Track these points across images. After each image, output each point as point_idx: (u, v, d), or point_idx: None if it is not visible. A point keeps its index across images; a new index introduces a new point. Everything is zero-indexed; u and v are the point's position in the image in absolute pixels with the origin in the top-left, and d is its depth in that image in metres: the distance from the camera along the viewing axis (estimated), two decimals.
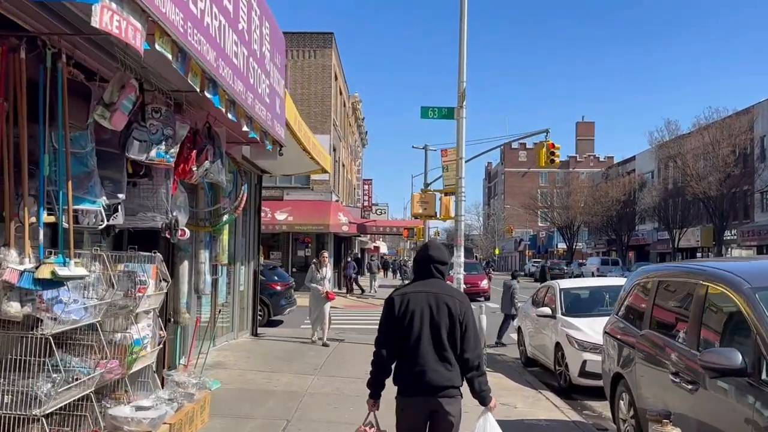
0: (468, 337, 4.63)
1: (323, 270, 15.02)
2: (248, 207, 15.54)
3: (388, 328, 4.74)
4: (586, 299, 12.76)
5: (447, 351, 4.59)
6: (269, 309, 20.61)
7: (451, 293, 4.80)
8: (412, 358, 4.61)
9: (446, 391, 4.58)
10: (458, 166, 14.81)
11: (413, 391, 4.62)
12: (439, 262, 4.85)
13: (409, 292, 4.78)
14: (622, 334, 7.84)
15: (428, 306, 4.64)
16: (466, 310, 4.70)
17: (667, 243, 60.61)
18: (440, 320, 4.60)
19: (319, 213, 33.78)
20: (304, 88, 34.89)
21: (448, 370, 4.58)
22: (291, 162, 14.49)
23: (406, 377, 4.66)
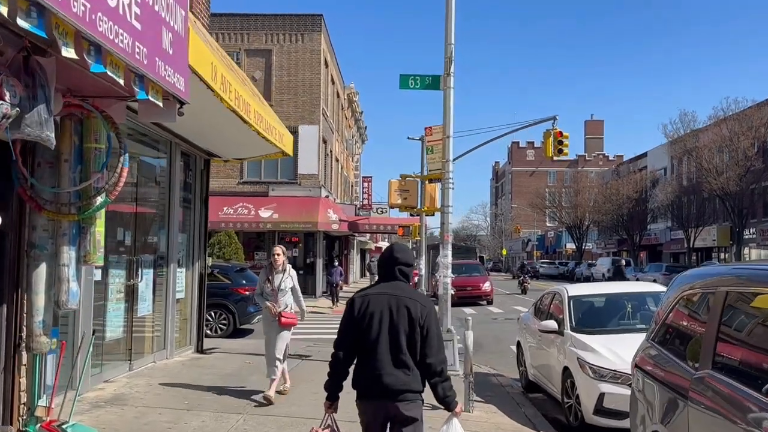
0: (430, 342, 4.52)
1: (276, 277, 9.37)
2: (192, 197, 12.97)
3: (347, 330, 4.64)
4: (602, 310, 10.06)
5: (405, 355, 4.49)
6: (235, 317, 18.06)
7: (414, 296, 4.67)
8: (370, 361, 4.53)
9: (404, 395, 4.47)
10: (445, 147, 12.14)
11: (370, 395, 4.54)
12: (404, 264, 4.77)
13: (370, 293, 4.70)
14: (662, 372, 5.18)
15: (388, 308, 4.56)
16: (428, 314, 4.58)
17: (680, 243, 57.84)
18: (399, 323, 4.51)
19: (307, 210, 31.18)
20: (291, 74, 32.29)
21: (405, 375, 4.48)
22: (238, 141, 11.87)
23: (363, 380, 4.57)
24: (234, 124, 9.94)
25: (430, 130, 13.04)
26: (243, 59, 32.04)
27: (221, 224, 30.38)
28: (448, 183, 12.27)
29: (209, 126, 10.64)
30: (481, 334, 19.18)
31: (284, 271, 9.44)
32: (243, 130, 10.30)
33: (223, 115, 9.29)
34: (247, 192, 32.05)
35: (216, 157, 13.23)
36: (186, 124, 10.70)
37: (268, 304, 9.33)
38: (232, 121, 9.68)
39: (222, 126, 10.43)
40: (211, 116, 9.70)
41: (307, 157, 32.05)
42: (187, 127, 10.93)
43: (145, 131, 10.89)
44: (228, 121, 9.69)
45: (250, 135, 10.69)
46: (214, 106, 8.82)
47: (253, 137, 10.91)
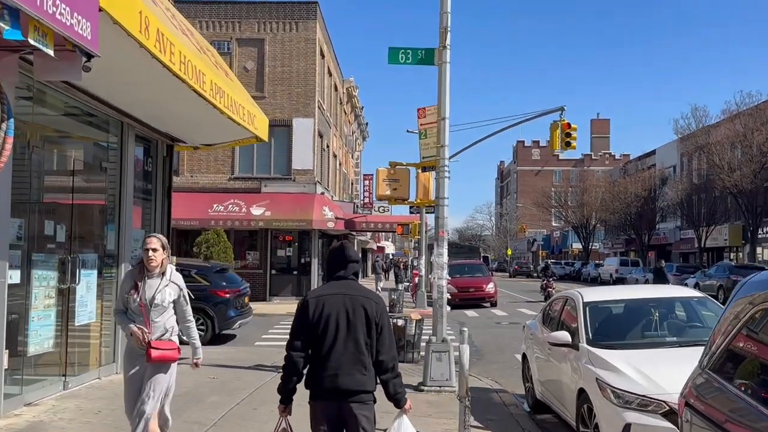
0: (383, 339, 4.56)
1: (150, 285, 5.94)
2: (153, 188, 11.43)
3: (301, 332, 4.55)
4: (624, 319, 8.44)
5: (363, 354, 4.50)
6: (214, 322, 16.55)
7: (368, 295, 4.68)
8: (327, 361, 4.48)
9: (358, 396, 4.47)
10: (440, 130, 10.57)
11: (325, 396, 4.49)
12: (355, 261, 4.77)
13: (324, 294, 4.62)
14: (729, 417, 3.61)
15: (344, 309, 4.53)
16: (382, 312, 4.62)
17: (690, 242, 56.18)
18: (357, 323, 4.51)
19: (301, 207, 29.62)
20: (285, 65, 30.72)
21: (362, 374, 4.48)
22: (200, 122, 10.34)
23: (319, 381, 4.50)
24: (188, 99, 8.40)
25: (423, 111, 11.44)
26: (234, 49, 30.53)
27: (211, 222, 28.87)
28: (444, 171, 10.69)
29: (159, 101, 9.12)
30: (482, 341, 17.61)
31: (162, 276, 5.95)
32: (201, 107, 8.76)
33: (172, 86, 7.75)
34: (239, 188, 30.52)
35: (180, 142, 11.68)
36: (132, 99, 9.16)
37: (134, 327, 5.81)
38: (184, 95, 8.14)
39: (174, 101, 8.90)
40: (157, 87, 8.18)
41: (301, 152, 30.51)
42: (136, 104, 9.41)
43: (91, 110, 9.38)
44: (179, 94, 8.14)
45: (210, 113, 9.14)
46: (158, 74, 7.28)
47: (216, 117, 9.37)
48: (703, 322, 8.39)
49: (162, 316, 5.95)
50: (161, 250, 6.02)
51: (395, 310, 26.47)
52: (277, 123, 30.50)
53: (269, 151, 30.77)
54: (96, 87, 8.55)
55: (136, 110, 9.71)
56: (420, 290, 29.00)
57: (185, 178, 30.63)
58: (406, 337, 14.15)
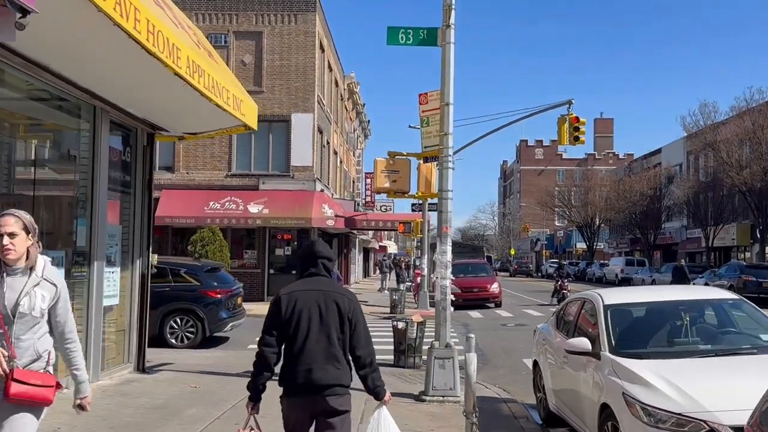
0: (358, 336, 4.59)
1: (11, 285, 4.03)
2: (132, 180, 10.56)
3: (274, 328, 4.54)
4: (650, 324, 7.51)
5: (336, 349, 4.52)
6: (204, 324, 15.67)
7: (340, 291, 4.73)
8: (301, 357, 4.48)
9: (333, 389, 4.46)
10: (444, 117, 9.68)
11: (300, 391, 4.47)
12: (326, 257, 4.75)
13: (296, 290, 4.63)
14: None
15: (317, 305, 4.55)
16: (355, 308, 4.65)
17: (697, 242, 55.23)
18: (329, 319, 4.53)
19: (300, 205, 28.73)
20: (283, 59, 29.83)
21: (336, 369, 4.50)
22: (181, 107, 9.47)
23: (293, 377, 4.48)
24: (162, 78, 7.52)
25: (425, 97, 10.51)
26: (231, 42, 29.66)
27: (207, 220, 28.00)
28: (448, 161, 9.79)
29: (132, 82, 8.24)
30: (487, 344, 16.70)
31: (31, 272, 4.10)
32: (178, 88, 7.88)
33: (143, 62, 6.88)
34: (236, 185, 29.63)
35: (162, 131, 10.79)
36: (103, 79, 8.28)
37: None
38: (158, 73, 7.26)
39: (148, 81, 8.02)
40: (127, 64, 7.30)
41: (300, 148, 29.62)
42: (108, 85, 8.53)
43: (61, 93, 8.51)
44: (152, 71, 7.26)
45: (189, 96, 8.27)
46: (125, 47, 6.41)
47: (195, 101, 8.50)
48: (738, 327, 7.50)
49: (31, 331, 4.07)
50: (23, 235, 4.07)
51: (396, 311, 25.63)
52: (275, 118, 29.68)
53: (267, 147, 29.93)
54: (60, 64, 7.68)
55: (108, 92, 8.83)
56: (422, 290, 28.09)
57: (181, 174, 29.79)
58: (407, 340, 13.28)
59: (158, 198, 29.12)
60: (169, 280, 15.83)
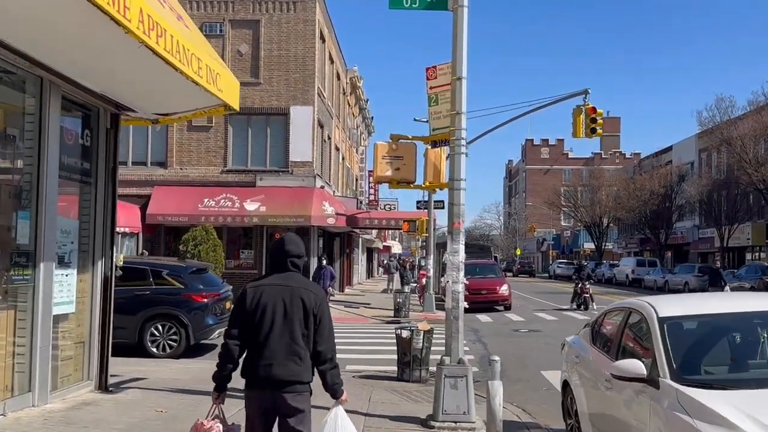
0: (322, 331, 4.59)
1: None
2: (92, 167, 9.11)
3: (239, 321, 4.58)
4: (720, 344, 6.00)
5: (299, 345, 4.51)
6: (188, 331, 14.22)
7: (307, 287, 4.69)
8: (262, 351, 4.49)
9: (292, 386, 4.47)
10: (456, 93, 8.21)
11: (259, 385, 4.50)
12: (295, 255, 4.73)
13: (263, 284, 4.63)
14: None
15: (281, 300, 4.54)
16: (321, 303, 4.65)
17: (709, 241, 53.65)
18: (293, 314, 4.52)
19: (299, 202, 27.25)
20: (281, 48, 28.35)
21: (296, 365, 4.48)
22: (148, 81, 8.00)
23: (253, 370, 4.51)
24: (115, 39, 6.05)
25: (434, 71, 8.99)
26: (227, 31, 28.19)
27: (201, 218, 26.54)
28: (460, 146, 8.30)
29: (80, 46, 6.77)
30: (500, 352, 15.12)
31: None
32: (136, 53, 6.41)
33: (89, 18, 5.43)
34: (232, 182, 28.15)
35: (129, 111, 9.31)
36: (45, 43, 6.81)
37: None
38: (109, 31, 5.79)
39: (100, 45, 6.55)
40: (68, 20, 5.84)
41: (299, 142, 28.13)
42: (52, 51, 7.05)
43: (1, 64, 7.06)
44: (102, 30, 5.80)
45: (152, 64, 6.80)
46: None
47: (162, 73, 7.04)
48: None
49: None
50: None
51: (401, 314, 24.15)
52: (273, 111, 28.23)
53: (265, 141, 28.48)
54: None
55: (54, 60, 7.37)
56: (428, 292, 26.63)
57: (174, 170, 28.36)
58: (413, 351, 11.80)
59: (150, 195, 27.78)
60: (149, 283, 14.40)
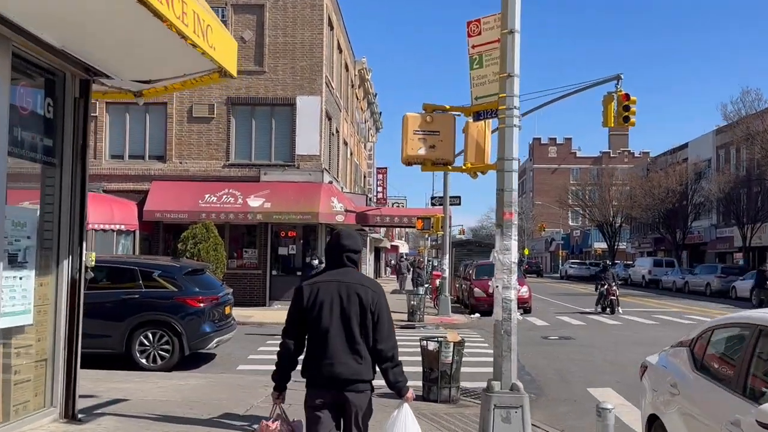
0: (381, 328, 4.48)
1: None
2: (56, 145, 7.45)
3: (296, 318, 4.53)
4: None
5: (358, 343, 4.43)
6: (182, 340, 12.59)
7: (363, 282, 4.56)
8: (321, 349, 4.43)
9: (354, 385, 4.39)
10: (506, 51, 6.53)
11: (320, 384, 4.43)
12: (351, 251, 4.62)
13: (319, 281, 4.54)
14: None
15: (338, 296, 4.45)
16: (379, 299, 4.52)
17: (728, 241, 51.82)
18: (351, 310, 4.44)
19: (306, 198, 25.56)
20: (287, 35, 26.65)
21: (357, 363, 4.41)
22: (122, 35, 6.33)
23: (313, 369, 4.46)
24: None
25: (477, 25, 7.24)
26: (230, 16, 26.50)
27: (202, 215, 24.86)
28: (512, 117, 6.60)
29: None
30: (534, 364, 13.49)
31: None
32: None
33: None
34: (234, 176, 26.45)
35: (102, 77, 7.62)
36: None
37: None
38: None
39: None
40: None
41: (306, 135, 26.42)
42: None
43: None
44: None
45: (127, 7, 5.14)
46: None
47: (138, 20, 5.38)
48: None
49: None
50: None
51: (415, 318, 22.47)
52: (278, 101, 26.55)
53: (269, 133, 26.78)
54: None
55: (5, 4, 5.69)
56: (443, 295, 24.91)
57: (173, 164, 26.68)
58: (441, 366, 10.09)
59: (148, 190, 26.14)
60: (138, 285, 12.73)
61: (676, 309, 29.08)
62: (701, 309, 29.11)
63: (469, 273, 28.40)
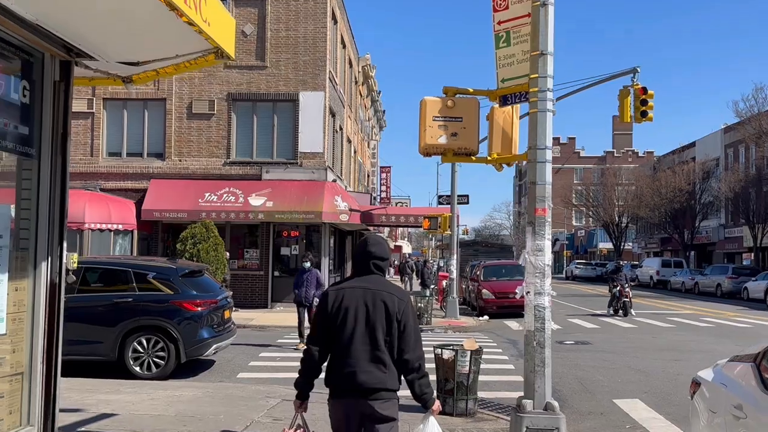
0: (407, 337, 4.30)
1: None
2: (32, 133, 6.66)
3: (321, 325, 4.39)
4: None
5: (382, 351, 4.27)
6: (179, 346, 11.83)
7: (390, 290, 4.40)
8: (344, 357, 4.29)
9: (378, 393, 4.23)
10: (538, 25, 5.77)
11: (344, 393, 4.30)
12: (378, 258, 4.48)
13: (345, 287, 4.42)
14: None
15: (364, 303, 4.30)
16: (405, 308, 4.35)
17: (737, 241, 51.05)
18: (376, 318, 4.29)
19: (309, 196, 24.78)
20: (290, 28, 25.87)
21: (382, 372, 4.25)
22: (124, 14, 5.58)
23: (337, 378, 4.32)
24: None
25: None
26: (230, 9, 25.75)
27: (202, 214, 24.10)
28: (545, 100, 5.85)
29: None
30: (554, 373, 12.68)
31: None
32: None
33: None
34: (235, 174, 25.68)
35: (86, 58, 6.85)
36: None
37: None
38: None
39: None
40: None
41: (309, 132, 25.64)
42: None
43: None
44: None
45: None
46: None
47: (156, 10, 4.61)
48: None
49: None
50: None
51: (422, 321, 21.72)
52: (280, 97, 25.78)
53: (271, 130, 25.99)
54: None
55: None
56: (451, 296, 24.13)
57: (172, 162, 25.91)
58: (457, 376, 9.31)
59: (146, 189, 25.39)
60: (132, 288, 11.95)
61: (690, 311, 28.26)
62: (715, 311, 28.30)
63: (477, 274, 27.65)
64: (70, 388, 9.86)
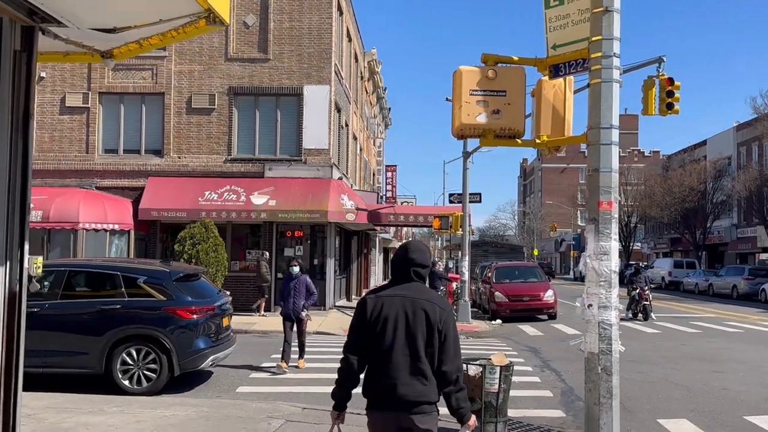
0: (447, 348, 4.14)
1: None
2: None
3: (358, 333, 4.24)
4: None
5: (422, 363, 4.13)
6: (171, 357, 10.71)
7: (431, 299, 4.25)
8: (383, 368, 4.16)
9: (420, 407, 4.10)
10: None
11: (383, 406, 4.16)
12: (419, 265, 4.32)
13: (383, 295, 4.27)
14: None
15: (404, 312, 4.16)
16: (447, 318, 4.19)
17: (751, 241, 49.88)
18: (416, 328, 4.14)
19: (314, 195, 23.66)
20: (294, 20, 24.75)
21: (422, 384, 4.11)
22: None
23: (375, 389, 4.18)
24: None
25: None
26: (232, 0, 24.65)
27: (202, 213, 23.02)
28: (610, 68, 4.73)
29: None
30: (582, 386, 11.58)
31: None
32: None
33: None
34: (237, 172, 24.58)
35: (53, 22, 5.73)
36: None
37: None
38: None
39: None
40: None
41: (314, 127, 24.52)
42: None
43: None
44: None
45: None
46: None
47: None
48: None
49: None
50: None
51: None
52: (284, 91, 24.67)
53: (274, 126, 24.88)
54: None
55: None
56: (463, 300, 23.00)
57: (171, 159, 24.81)
58: (485, 396, 8.17)
59: (144, 187, 24.30)
60: (121, 293, 10.84)
61: (711, 314, 27.10)
62: (737, 314, 27.14)
63: (489, 276, 26.52)
64: (47, 407, 8.76)
